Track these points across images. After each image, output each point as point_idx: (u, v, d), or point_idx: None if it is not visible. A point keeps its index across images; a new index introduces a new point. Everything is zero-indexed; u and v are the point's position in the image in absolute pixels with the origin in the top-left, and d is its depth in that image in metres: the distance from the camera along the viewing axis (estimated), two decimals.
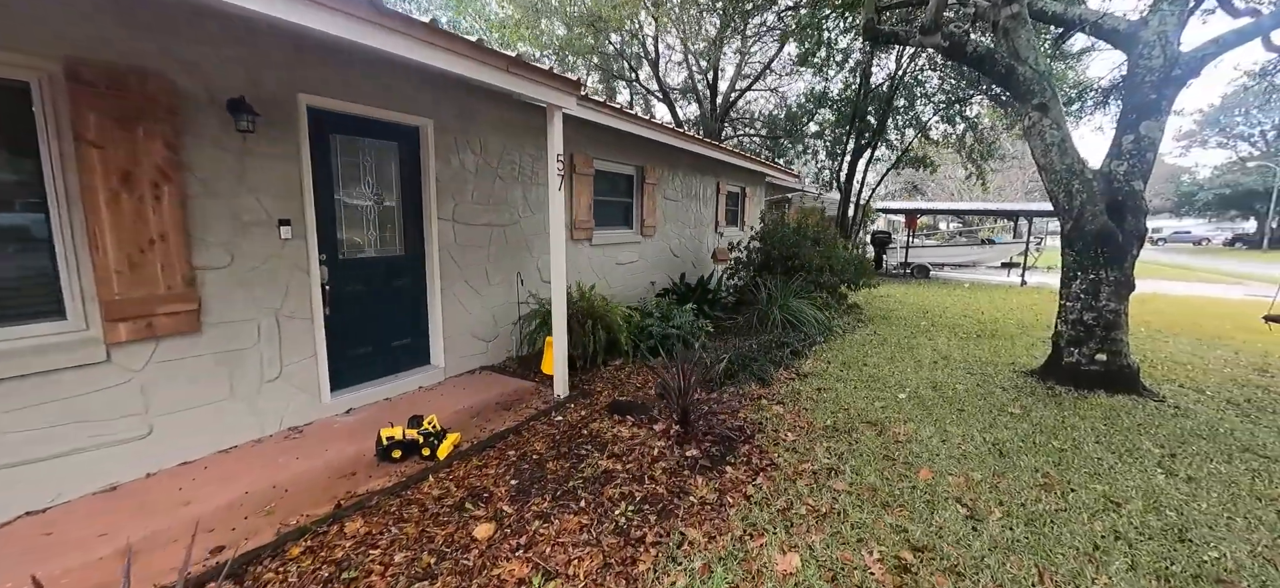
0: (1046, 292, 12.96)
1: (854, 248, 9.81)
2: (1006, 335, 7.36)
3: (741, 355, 5.18)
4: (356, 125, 4.12)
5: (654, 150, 7.78)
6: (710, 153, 9.01)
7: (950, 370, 5.47)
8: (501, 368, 5.39)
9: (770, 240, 8.31)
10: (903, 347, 6.48)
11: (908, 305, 10.05)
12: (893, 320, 8.27)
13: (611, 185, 7.33)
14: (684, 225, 9.09)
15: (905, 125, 15.58)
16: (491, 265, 5.35)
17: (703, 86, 16.54)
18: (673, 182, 8.57)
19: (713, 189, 10.05)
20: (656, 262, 8.30)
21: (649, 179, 7.77)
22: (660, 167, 8.14)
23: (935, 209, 18.62)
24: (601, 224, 7.08)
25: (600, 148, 6.71)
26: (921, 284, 14.18)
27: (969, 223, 34.98)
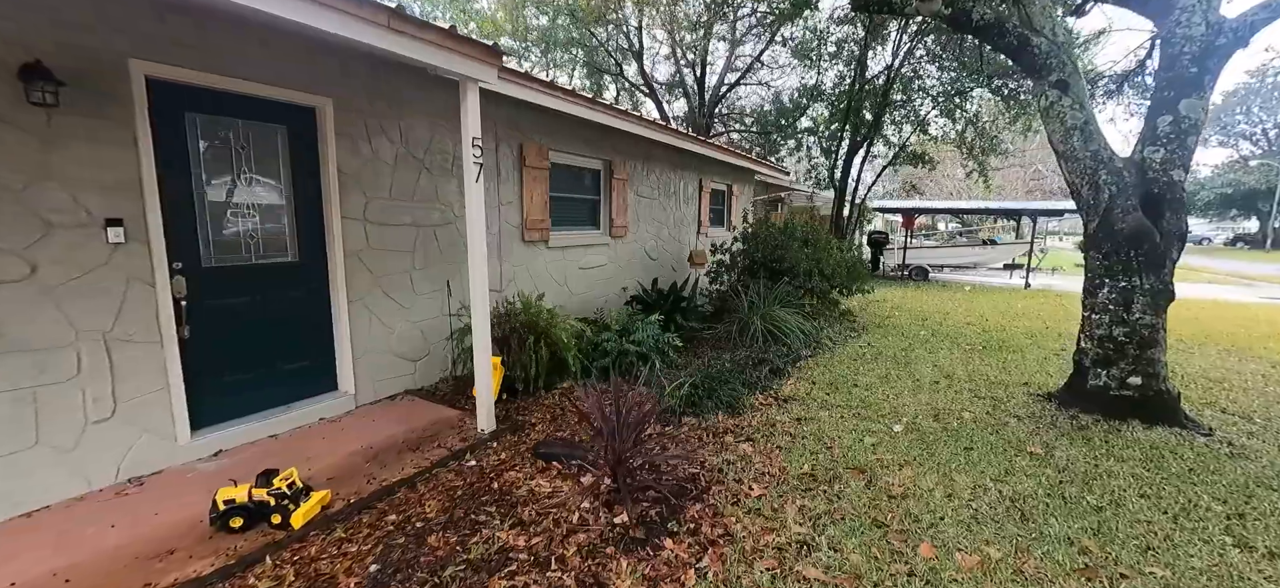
0: (1051, 295, 12.22)
1: (849, 249, 9.03)
2: (1015, 347, 6.59)
3: (710, 377, 4.41)
4: (224, 103, 3.35)
5: (624, 142, 7.02)
6: (691, 147, 8.25)
7: (954, 393, 4.70)
8: (432, 392, 4.62)
9: (754, 242, 7.55)
10: (899, 362, 5.71)
11: (906, 311, 9.29)
12: (889, 329, 7.51)
13: (575, 181, 6.57)
14: (662, 226, 8.32)
15: (903, 120, 14.84)
16: (420, 272, 4.58)
17: (691, 80, 15.79)
18: (648, 178, 7.81)
19: (695, 187, 9.29)
20: (629, 266, 7.53)
21: (618, 174, 7.00)
22: (633, 161, 7.38)
23: (934, 208, 17.87)
24: (562, 224, 6.32)
25: (558, 138, 5.94)
26: (920, 287, 13.42)
27: (968, 223, 34.27)
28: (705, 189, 9.52)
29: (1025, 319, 8.77)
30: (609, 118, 6.07)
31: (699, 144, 8.47)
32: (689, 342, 6.33)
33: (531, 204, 5.62)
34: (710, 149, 8.83)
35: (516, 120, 5.37)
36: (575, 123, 5.98)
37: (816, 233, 7.88)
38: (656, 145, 7.73)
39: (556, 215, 6.21)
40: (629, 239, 7.48)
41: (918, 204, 17.40)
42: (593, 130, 6.35)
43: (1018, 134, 13.35)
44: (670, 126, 7.52)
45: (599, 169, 6.87)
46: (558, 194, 6.19)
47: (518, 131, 5.41)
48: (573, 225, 6.54)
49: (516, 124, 5.39)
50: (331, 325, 4.04)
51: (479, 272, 3.63)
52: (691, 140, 8.20)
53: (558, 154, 6.05)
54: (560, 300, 6.24)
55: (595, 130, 6.39)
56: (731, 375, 4.58)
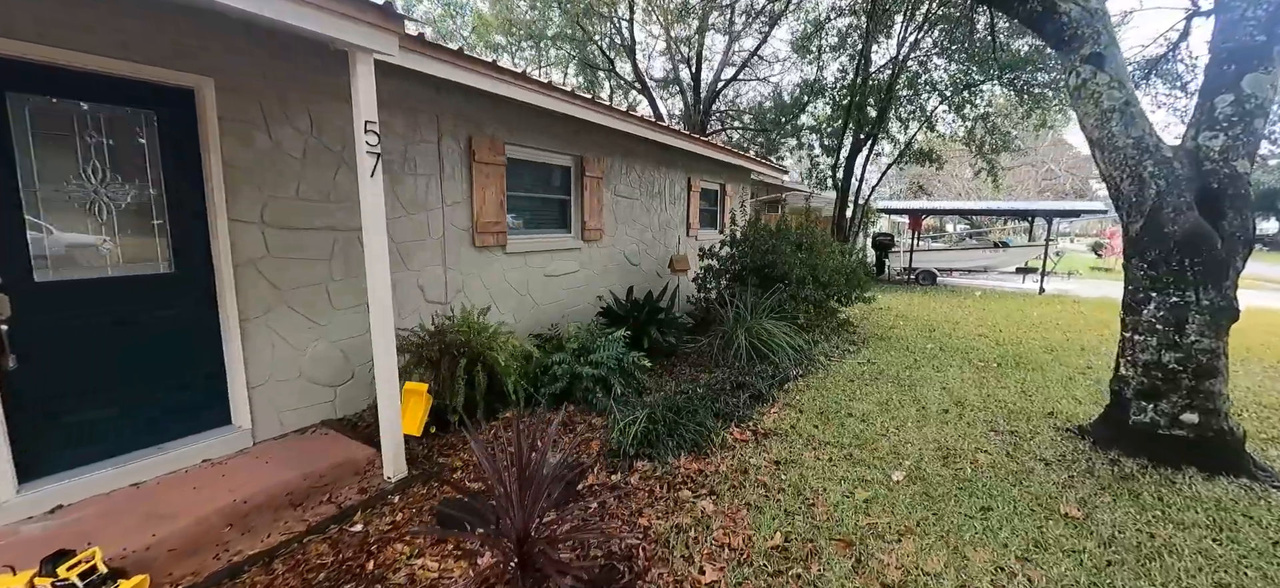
0: (1068, 301, 11.43)
1: (851, 253, 8.33)
2: (1034, 364, 5.86)
3: (675, 407, 3.73)
4: (63, 82, 2.72)
5: (599, 137, 6.37)
6: (677, 143, 7.59)
7: (966, 425, 4.00)
8: (354, 423, 3.98)
9: (743, 246, 6.86)
10: (902, 384, 5.01)
11: (912, 320, 8.56)
12: (892, 342, 6.80)
13: (540, 179, 5.92)
14: (645, 228, 7.66)
15: (908, 117, 14.08)
16: (341, 284, 3.94)
17: (686, 77, 15.13)
18: (627, 176, 7.15)
19: (683, 186, 8.61)
20: (606, 272, 6.87)
21: (591, 172, 6.35)
22: (609, 158, 6.72)
23: (942, 209, 17.05)
24: (524, 227, 5.68)
25: (517, 131, 5.30)
26: (928, 292, 12.66)
27: (976, 224, 33.30)
28: (695, 188, 8.85)
29: (1043, 329, 8.02)
30: (575, 108, 5.42)
31: (686, 140, 7.80)
32: (667, 358, 5.66)
33: (484, 204, 4.98)
34: (699, 145, 8.16)
35: (464, 110, 4.73)
36: (537, 114, 5.34)
37: (813, 236, 7.18)
38: (638, 141, 7.07)
39: (517, 217, 5.56)
40: (605, 243, 6.81)
41: (925, 205, 16.61)
42: (560, 124, 5.71)
43: (1030, 130, 12.57)
44: (650, 120, 6.86)
45: (569, 166, 6.22)
46: (518, 193, 5.55)
47: (465, 122, 4.77)
48: (537, 228, 5.89)
49: (464, 114, 4.74)
50: (221, 348, 3.41)
51: (379, 281, 2.99)
52: (678, 136, 7.53)
53: (517, 149, 5.40)
54: (522, 313, 5.60)
55: (564, 124, 5.74)
56: (702, 404, 3.90)
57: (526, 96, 4.83)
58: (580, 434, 3.73)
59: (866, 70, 13.02)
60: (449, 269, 4.77)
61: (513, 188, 5.43)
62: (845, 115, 13.18)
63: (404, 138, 4.28)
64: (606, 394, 4.08)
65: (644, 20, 15.02)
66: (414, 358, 3.81)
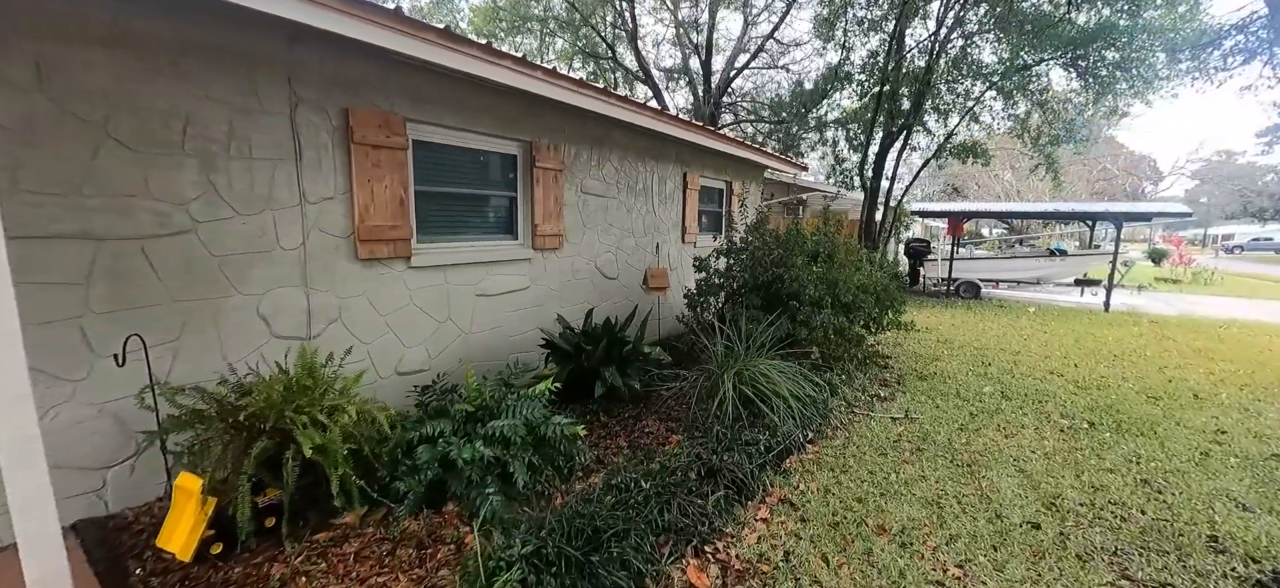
0: (1143, 321, 9.56)
1: (880, 265, 6.76)
2: (1142, 425, 4.25)
3: (588, 527, 2.30)
4: None
5: (559, 118, 5.02)
6: (668, 130, 6.17)
7: (1079, 565, 2.47)
8: (126, 524, 2.68)
9: (742, 256, 5.40)
10: (958, 461, 3.48)
11: (958, 347, 6.94)
12: (937, 383, 5.23)
13: (469, 169, 4.57)
14: (626, 234, 6.25)
15: (948, 107, 12.34)
16: (106, 319, 2.65)
17: (696, 65, 13.68)
18: (600, 169, 5.76)
19: (677, 183, 7.19)
20: (568, 289, 5.49)
21: (546, 162, 4.98)
22: (574, 145, 5.35)
23: (992, 211, 15.00)
24: (443, 231, 4.34)
25: (430, 104, 3.97)
26: (971, 308, 10.91)
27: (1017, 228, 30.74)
28: (692, 186, 7.41)
29: (1129, 363, 6.31)
30: (516, 74, 4.06)
31: (681, 127, 6.36)
32: (632, 407, 4.24)
33: (372, 202, 3.65)
34: (697, 133, 6.71)
35: (339, 72, 3.42)
36: (463, 85, 4.01)
37: (832, 244, 5.66)
38: (616, 126, 5.68)
39: (432, 219, 4.23)
40: (567, 252, 5.43)
41: (969, 207, 14.73)
42: (501, 99, 4.37)
43: (1099, 118, 10.74)
44: (630, 99, 5.45)
45: (515, 154, 4.86)
46: (436, 188, 4.21)
47: (340, 89, 3.45)
48: (465, 233, 4.54)
49: (339, 78, 3.43)
50: None
51: None
52: (668, 120, 6.11)
53: (432, 129, 4.07)
54: (441, 347, 4.25)
55: (505, 99, 4.41)
56: (643, 513, 2.47)
57: (440, 58, 3.50)
58: (438, 562, 2.35)
59: (899, 53, 11.37)
60: (314, 291, 3.45)
61: (425, 180, 4.10)
62: (875, 104, 11.55)
63: (228, 106, 2.97)
64: (505, 485, 2.68)
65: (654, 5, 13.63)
66: (197, 436, 2.48)
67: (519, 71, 4.11)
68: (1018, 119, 11.47)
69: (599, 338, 4.29)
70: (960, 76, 11.61)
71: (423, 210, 4.11)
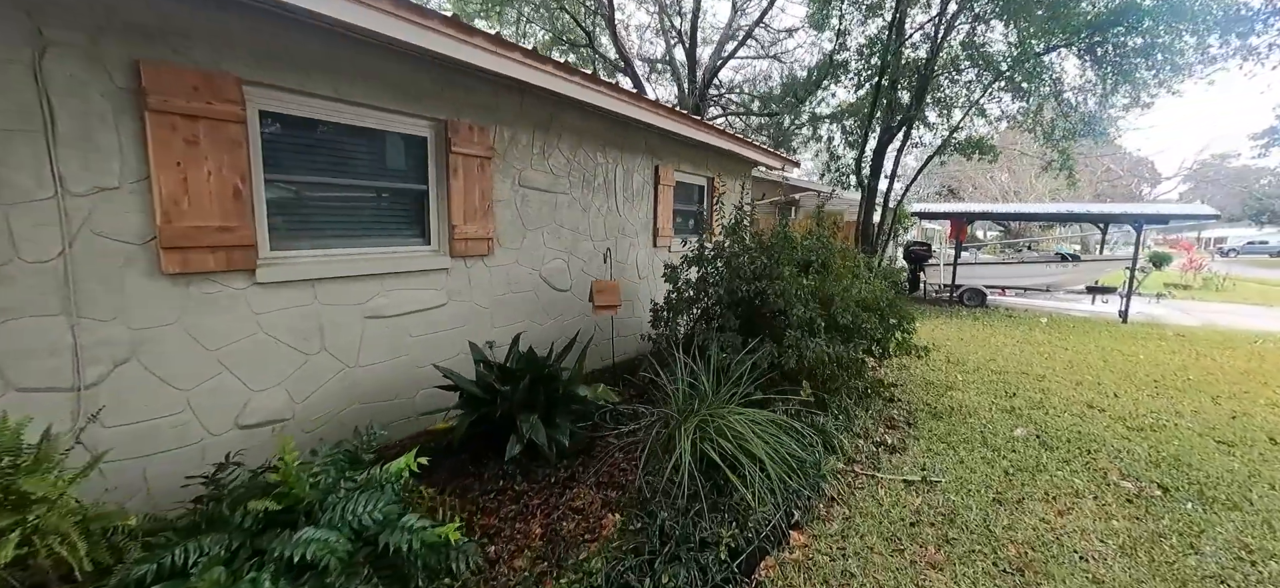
0: (1168, 333, 8.64)
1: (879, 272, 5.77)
2: (1228, 482, 3.27)
3: None
4: None
5: (487, 93, 4.02)
6: (634, 112, 5.16)
7: None
8: None
9: (715, 265, 4.38)
10: (1002, 563, 2.49)
11: (973, 370, 5.97)
12: (955, 423, 4.24)
13: (361, 154, 3.54)
14: (581, 236, 5.24)
15: (951, 101, 11.39)
16: None
17: (680, 56, 12.67)
18: (547, 158, 4.74)
19: (647, 177, 6.18)
20: (503, 304, 4.46)
21: (467, 147, 3.95)
22: (509, 127, 4.33)
23: (998, 213, 14.02)
24: (318, 234, 3.30)
25: (288, 65, 2.94)
26: (977, 318, 9.97)
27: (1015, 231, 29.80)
28: (666, 181, 6.40)
29: (1175, 389, 5.35)
30: (414, 29, 3.04)
31: (648, 108, 5.34)
32: (569, 462, 3.21)
33: (187, 194, 2.60)
34: (670, 118, 5.69)
35: (128, 11, 2.38)
36: (334, 39, 2.98)
37: (828, 250, 4.65)
38: (565, 105, 4.67)
39: (296, 219, 3.19)
40: (501, 259, 4.40)
41: (974, 208, 13.78)
42: (404, 63, 3.36)
43: (1119, 110, 9.81)
44: (579, 71, 4.42)
45: (424, 136, 3.82)
46: (297, 178, 3.18)
47: (129, 34, 2.41)
48: (346, 237, 3.50)
49: (126, 19, 2.39)
50: None
51: None
52: (631, 100, 5.08)
53: (290, 97, 3.03)
54: (309, 389, 3.22)
55: (410, 63, 3.39)
56: None
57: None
58: None
59: (900, 40, 10.40)
60: (87, 321, 2.40)
61: (284, 167, 3.06)
62: (873, 96, 10.58)
63: None
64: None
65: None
66: None
67: (416, 23, 3.08)
68: (1028, 112, 10.52)
69: (519, 374, 3.26)
70: (965, 66, 10.65)
71: (280, 208, 3.08)
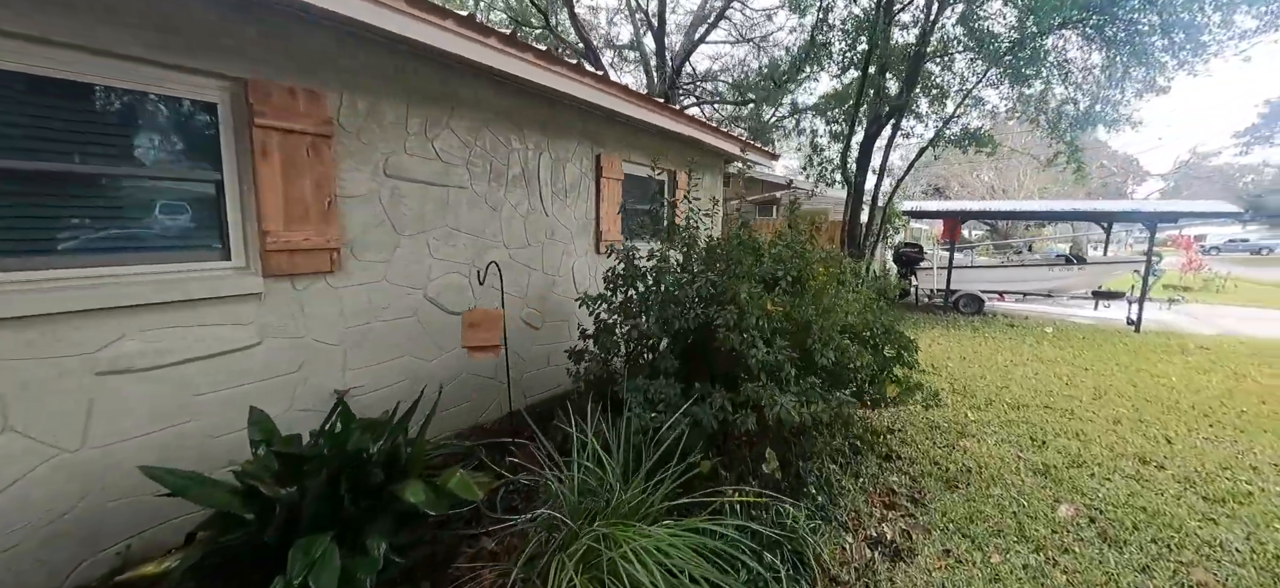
0: (1191, 345, 7.67)
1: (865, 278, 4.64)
2: None
3: None
4: None
5: (317, 42, 2.81)
6: (564, 86, 4.02)
7: None
8: None
9: (647, 287, 3.20)
10: None
11: (984, 396, 4.90)
12: (977, 498, 3.13)
13: (93, 125, 2.31)
14: (490, 243, 4.06)
15: (946, 88, 10.35)
16: None
17: (650, 44, 11.52)
18: (429, 139, 3.56)
19: (585, 168, 5.03)
20: (363, 342, 3.26)
21: (281, 118, 2.75)
22: (362, 95, 3.14)
23: (999, 211, 12.99)
24: (25, 248, 2.08)
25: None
26: (976, 328, 8.94)
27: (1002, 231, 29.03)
28: (610, 173, 5.24)
29: (1234, 429, 4.29)
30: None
31: (577, 80, 4.17)
32: None
33: None
34: (615, 95, 4.53)
35: None
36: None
37: (803, 260, 3.48)
38: (462, 70, 3.50)
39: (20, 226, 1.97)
40: (358, 277, 3.20)
41: (972, 206, 12.76)
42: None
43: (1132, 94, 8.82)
44: (477, 23, 3.24)
45: (214, 102, 2.61)
46: None
47: None
48: (65, 251, 2.28)
49: None
50: None
51: None
52: (548, 65, 3.90)
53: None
54: None
55: None
56: None
57: None
58: None
59: (888, 20, 9.34)
60: None
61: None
62: (860, 83, 9.51)
63: None
64: None
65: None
66: None
67: None
68: (1030, 101, 9.51)
69: (316, 463, 2.06)
70: (959, 49, 9.62)
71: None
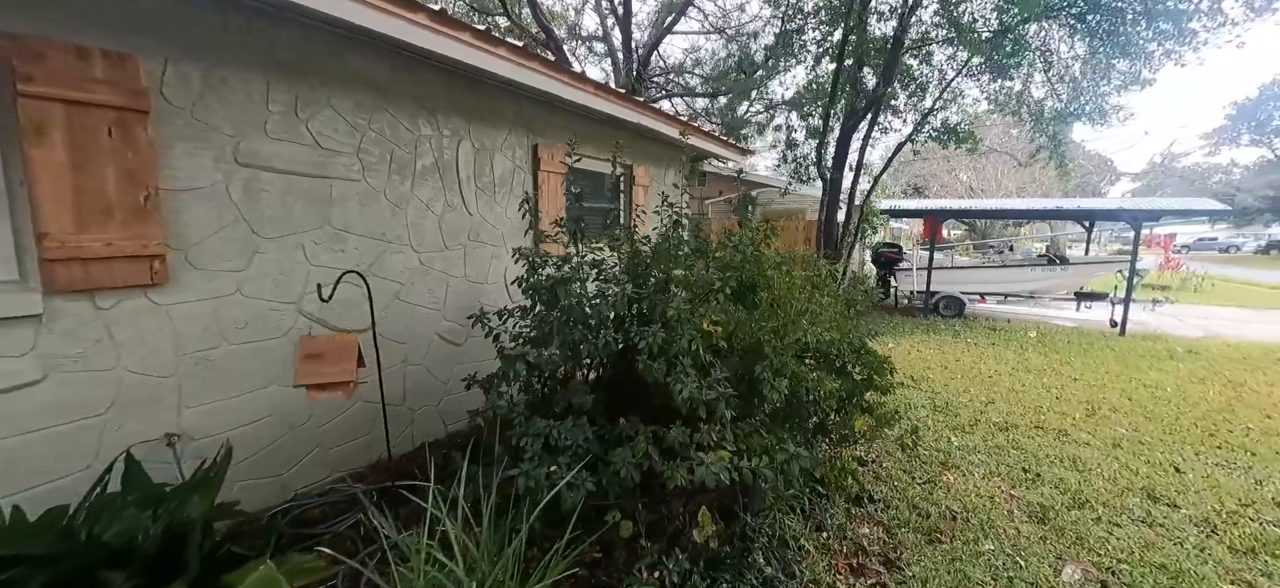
0: (1180, 350, 7.31)
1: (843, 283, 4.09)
2: None
3: None
4: None
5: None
6: (486, 62, 3.41)
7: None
8: None
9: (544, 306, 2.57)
10: None
11: (968, 414, 4.40)
12: (962, 543, 2.61)
13: None
14: (387, 246, 3.44)
15: (926, 81, 9.90)
16: None
17: (619, 40, 10.90)
18: (303, 118, 2.91)
19: (519, 161, 4.42)
20: (202, 372, 2.60)
21: (64, 87, 2.09)
22: (196, 59, 2.48)
23: (979, 210, 12.64)
24: None
25: None
26: (958, 333, 8.50)
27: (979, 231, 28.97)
28: (549, 167, 4.62)
29: (1248, 456, 3.82)
30: None
31: (498, 55, 3.55)
32: None
33: None
34: (541, 72, 3.92)
35: None
36: None
37: (756, 265, 2.88)
38: (340, 33, 2.87)
39: None
40: (198, 290, 2.55)
41: (951, 205, 12.37)
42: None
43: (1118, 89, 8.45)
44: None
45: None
46: None
47: None
48: None
49: None
50: None
51: None
52: (467, 38, 3.28)
53: None
54: None
55: None
56: None
57: None
58: None
59: (864, 8, 8.86)
60: None
61: None
62: (835, 75, 9.02)
63: None
64: None
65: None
66: None
67: None
68: (1011, 94, 9.11)
69: (32, 567, 1.40)
70: (937, 40, 9.18)
71: None
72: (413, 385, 3.66)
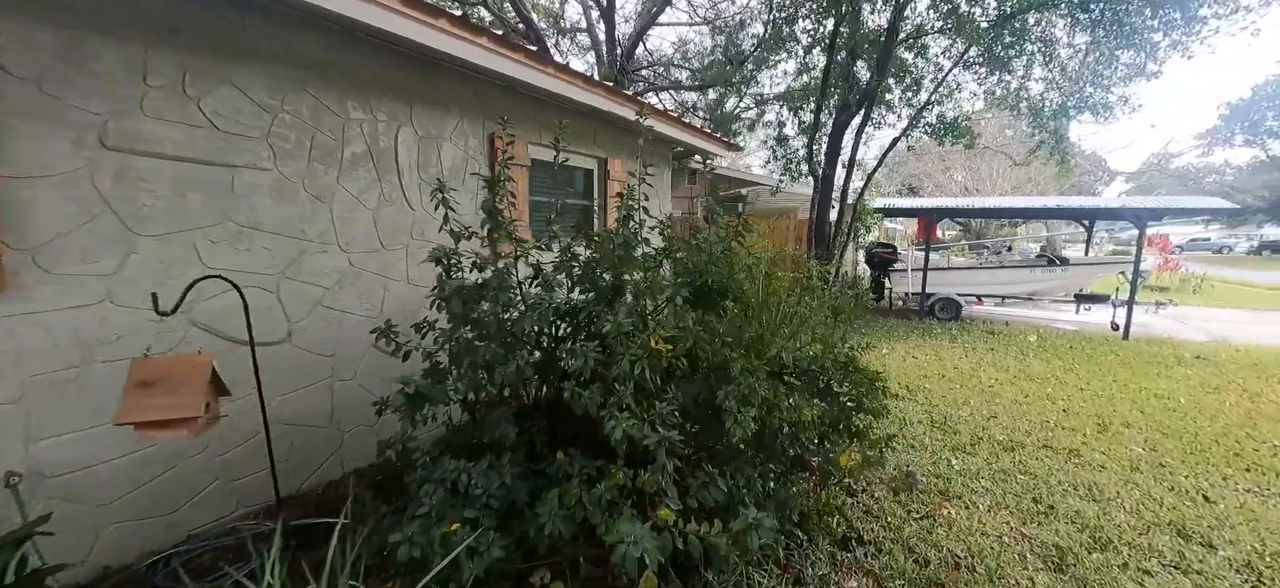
0: (1188, 355, 6.95)
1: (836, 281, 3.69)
2: None
3: None
4: None
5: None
6: (426, 37, 2.98)
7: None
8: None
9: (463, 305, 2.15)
10: None
11: (968, 432, 4.00)
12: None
13: None
14: (309, 247, 3.01)
15: (921, 74, 9.52)
16: None
17: (601, 25, 10.47)
18: (185, 97, 2.46)
19: (474, 150, 3.98)
20: (56, 393, 2.15)
21: None
22: (49, 24, 2.04)
23: (977, 209, 12.23)
24: None
25: None
26: (955, 337, 8.12)
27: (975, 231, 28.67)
28: (513, 158, 4.17)
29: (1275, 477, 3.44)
30: None
31: (438, 25, 3.13)
32: None
33: None
34: (490, 50, 3.49)
35: None
36: None
37: (728, 270, 2.47)
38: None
39: None
40: (41, 300, 2.10)
41: (948, 203, 11.98)
42: None
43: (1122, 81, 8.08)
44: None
45: None
46: None
47: None
48: None
49: None
50: None
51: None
52: (397, 5, 2.85)
53: None
54: None
55: None
56: None
57: None
58: None
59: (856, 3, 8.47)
60: None
61: None
62: (826, 67, 8.62)
63: None
64: None
65: None
66: None
67: None
68: (1009, 88, 8.73)
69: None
70: (934, 31, 8.80)
71: None
72: (343, 403, 3.23)
